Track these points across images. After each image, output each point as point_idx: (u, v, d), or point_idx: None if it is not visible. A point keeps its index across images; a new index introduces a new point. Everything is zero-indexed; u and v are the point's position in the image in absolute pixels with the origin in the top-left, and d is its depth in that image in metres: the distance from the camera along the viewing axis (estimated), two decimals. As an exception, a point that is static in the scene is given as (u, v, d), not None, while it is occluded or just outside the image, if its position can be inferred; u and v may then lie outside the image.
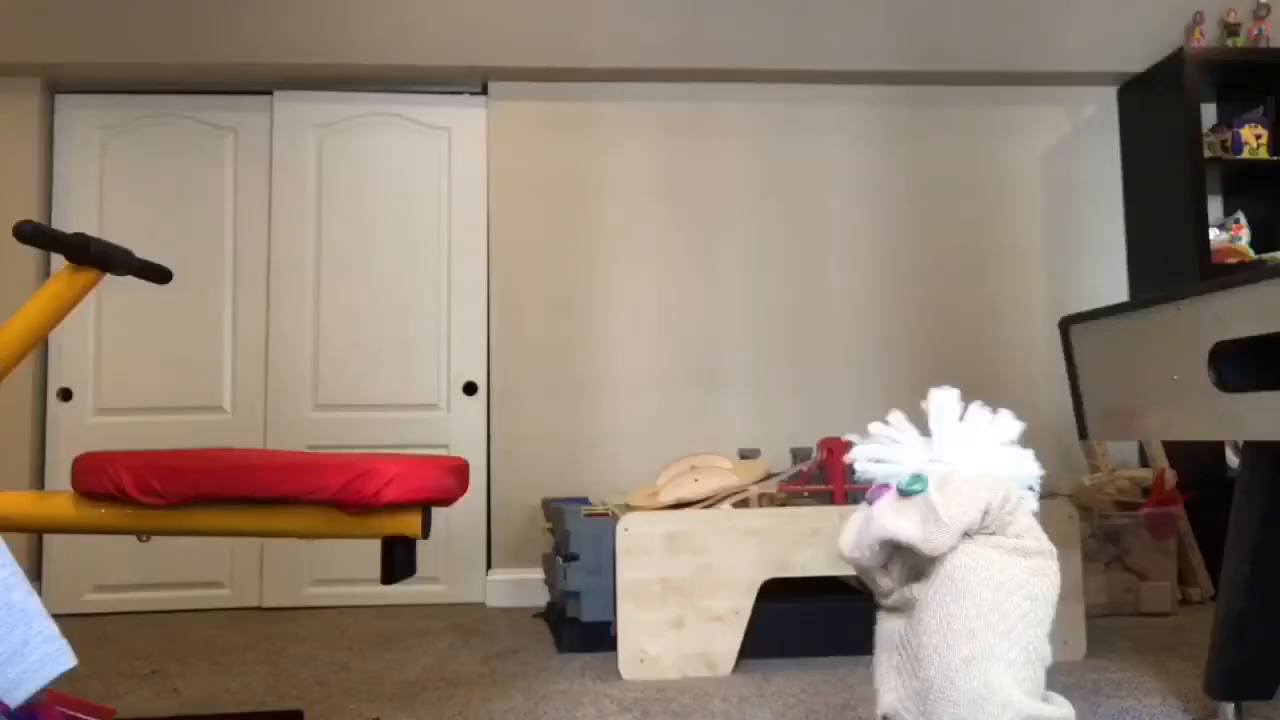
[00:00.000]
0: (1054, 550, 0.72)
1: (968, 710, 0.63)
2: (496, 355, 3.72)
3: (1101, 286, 3.91)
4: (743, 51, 3.76)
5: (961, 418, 0.77)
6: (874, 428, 0.79)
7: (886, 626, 0.76)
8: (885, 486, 0.76)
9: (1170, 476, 3.30)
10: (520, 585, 3.61)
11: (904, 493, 0.72)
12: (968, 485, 0.68)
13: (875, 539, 0.75)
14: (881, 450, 0.77)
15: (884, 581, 0.76)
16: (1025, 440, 0.78)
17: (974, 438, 0.73)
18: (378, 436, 3.68)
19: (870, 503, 0.79)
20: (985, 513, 0.68)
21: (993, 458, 0.73)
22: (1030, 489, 0.75)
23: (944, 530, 0.68)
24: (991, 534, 0.68)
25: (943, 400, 0.75)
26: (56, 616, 1.46)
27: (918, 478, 0.72)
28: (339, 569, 3.64)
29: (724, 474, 2.75)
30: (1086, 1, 3.86)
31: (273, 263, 3.71)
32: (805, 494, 2.88)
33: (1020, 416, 0.90)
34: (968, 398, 0.84)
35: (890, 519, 0.72)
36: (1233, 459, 3.39)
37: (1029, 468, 0.76)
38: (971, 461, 0.72)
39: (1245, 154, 3.66)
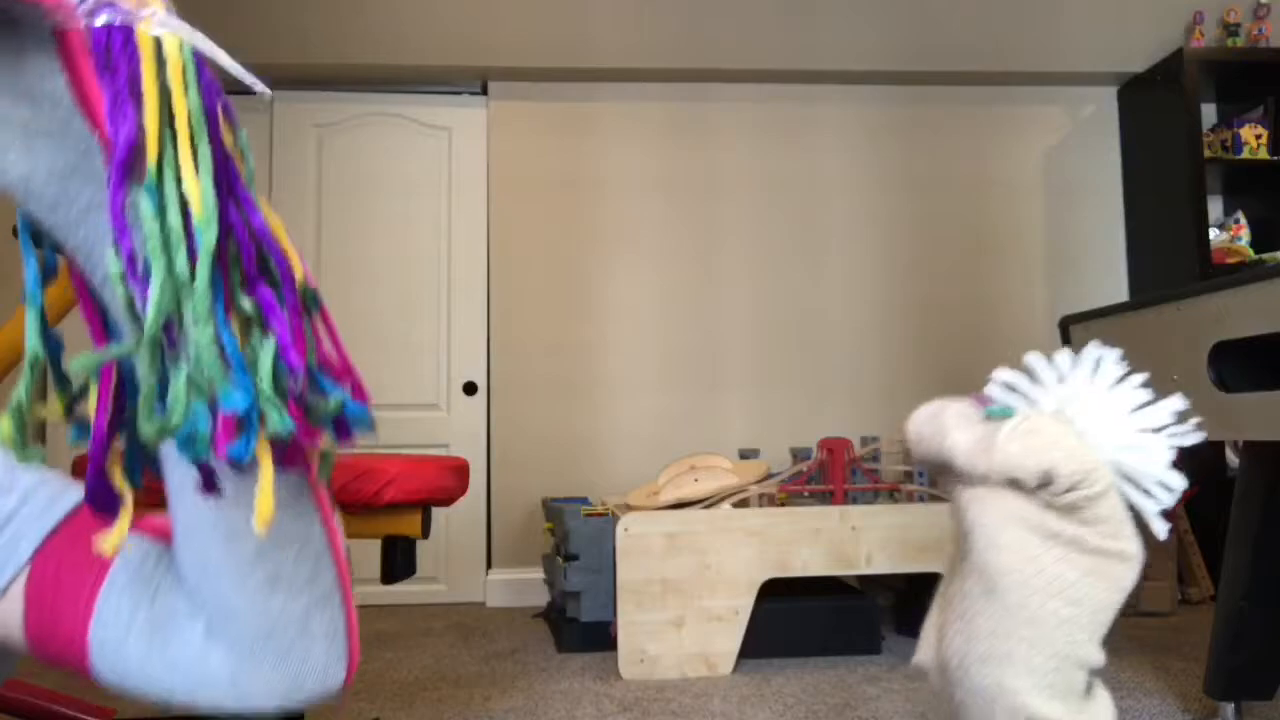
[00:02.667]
0: (1135, 554, 0.57)
1: (975, 707, 0.58)
2: (496, 355, 3.72)
3: (1101, 286, 3.90)
4: (743, 51, 3.76)
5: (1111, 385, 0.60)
6: (1031, 358, 0.63)
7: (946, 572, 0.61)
8: (982, 400, 0.64)
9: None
10: (520, 585, 3.61)
11: (989, 415, 0.61)
12: (1051, 435, 0.56)
13: (926, 440, 0.62)
14: (1020, 380, 0.63)
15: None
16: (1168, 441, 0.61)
17: (1114, 409, 0.59)
18: (378, 436, 3.67)
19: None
20: (1046, 476, 0.55)
21: (1122, 439, 0.58)
22: (1145, 491, 0.58)
23: (987, 457, 0.57)
24: (1047, 509, 0.56)
25: (1103, 356, 0.60)
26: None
27: (1009, 409, 0.61)
28: (339, 569, 3.64)
29: (724, 474, 2.75)
30: (1086, 1, 3.85)
31: (273, 263, 3.70)
32: (805, 494, 2.88)
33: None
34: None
35: (951, 419, 0.62)
36: (1233, 459, 3.39)
37: (1155, 467, 0.58)
38: (1097, 431, 0.58)
39: (1245, 154, 3.66)
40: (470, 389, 3.75)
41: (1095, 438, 0.59)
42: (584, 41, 3.71)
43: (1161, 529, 0.60)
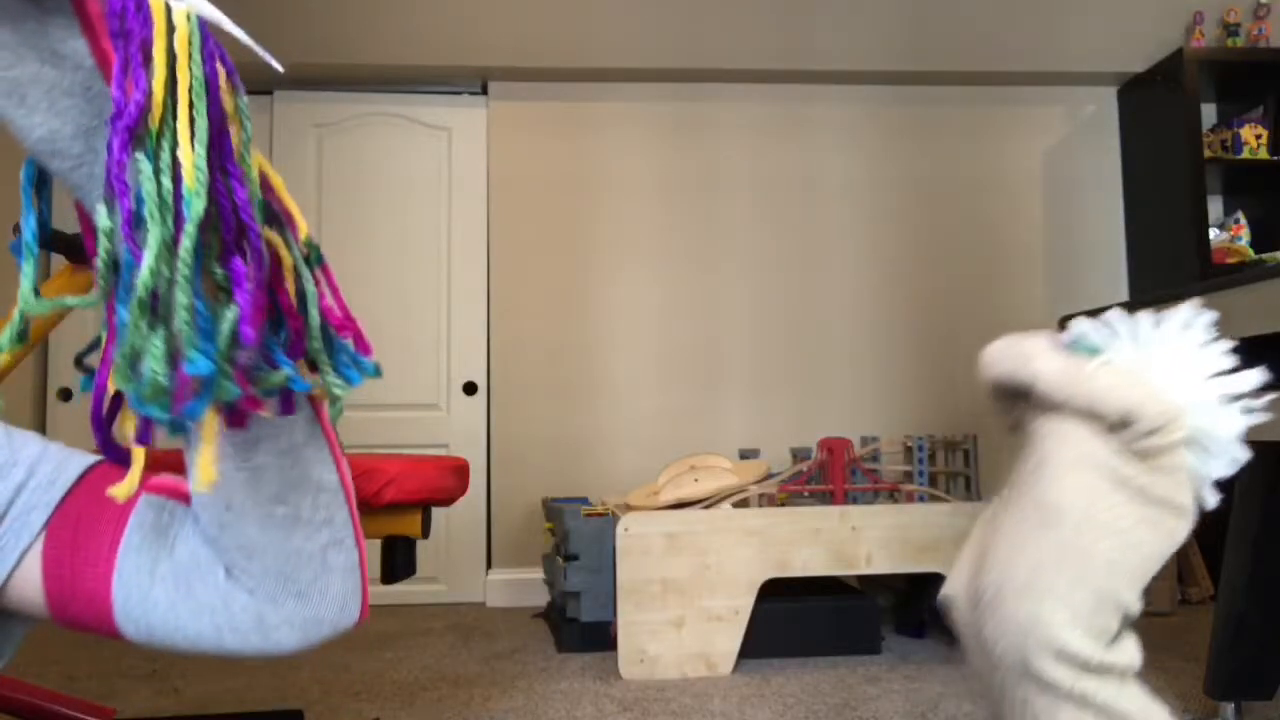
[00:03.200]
0: (1191, 510, 0.57)
1: (1007, 637, 0.57)
2: (496, 355, 3.72)
3: (1101, 286, 3.90)
4: (743, 51, 3.76)
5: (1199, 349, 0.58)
6: (1113, 313, 0.61)
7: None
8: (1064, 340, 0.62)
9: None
10: (520, 585, 3.61)
11: (1076, 349, 0.59)
12: (1139, 376, 0.55)
13: (1009, 360, 0.60)
14: (1100, 330, 0.61)
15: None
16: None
17: (1198, 368, 0.56)
18: (378, 436, 3.68)
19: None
20: (1129, 415, 0.54)
21: (1199, 399, 0.56)
22: (1213, 452, 0.56)
23: (1073, 386, 0.55)
24: (1120, 453, 0.55)
25: (1196, 317, 0.58)
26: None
27: (1096, 346, 0.58)
28: (339, 569, 3.63)
29: (724, 474, 2.75)
30: (1086, 1, 3.85)
31: (273, 263, 3.70)
32: (805, 494, 2.88)
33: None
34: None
35: (1036, 346, 0.60)
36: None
37: (1227, 432, 0.56)
38: (1176, 386, 0.56)
39: (1245, 154, 3.66)
40: (470, 389, 3.75)
41: (1174, 392, 0.58)
42: (584, 41, 3.71)
43: (1212, 498, 0.60)
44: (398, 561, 1.67)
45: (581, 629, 2.76)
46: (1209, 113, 3.93)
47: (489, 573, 3.66)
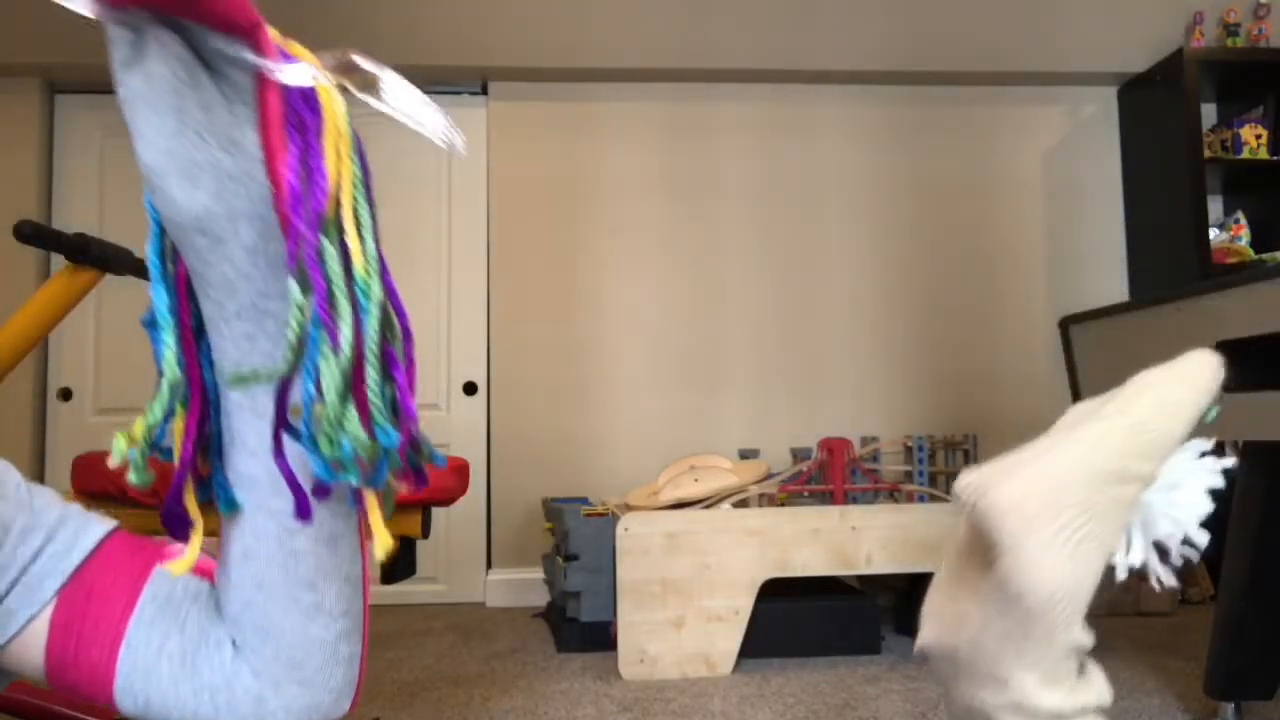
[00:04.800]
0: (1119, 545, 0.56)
1: (983, 698, 0.57)
2: (496, 355, 3.72)
3: (1101, 286, 3.90)
4: (743, 51, 3.76)
5: None
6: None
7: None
8: None
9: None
10: (520, 585, 3.61)
11: None
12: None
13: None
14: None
15: None
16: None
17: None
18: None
19: None
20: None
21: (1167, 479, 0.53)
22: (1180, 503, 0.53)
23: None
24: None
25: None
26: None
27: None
28: (339, 569, 3.64)
29: (724, 474, 2.75)
30: (1086, 1, 3.85)
31: (273, 263, 3.70)
32: (805, 494, 2.88)
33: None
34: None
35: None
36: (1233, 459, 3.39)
37: (1187, 518, 0.54)
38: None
39: (1245, 154, 3.66)
40: (470, 389, 3.75)
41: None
42: (584, 41, 3.71)
43: (1165, 581, 0.59)
44: (398, 562, 1.67)
45: (581, 629, 2.76)
46: (1209, 113, 3.93)
47: (489, 573, 3.66)
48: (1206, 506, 0.57)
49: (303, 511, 0.52)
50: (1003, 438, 3.74)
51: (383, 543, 0.50)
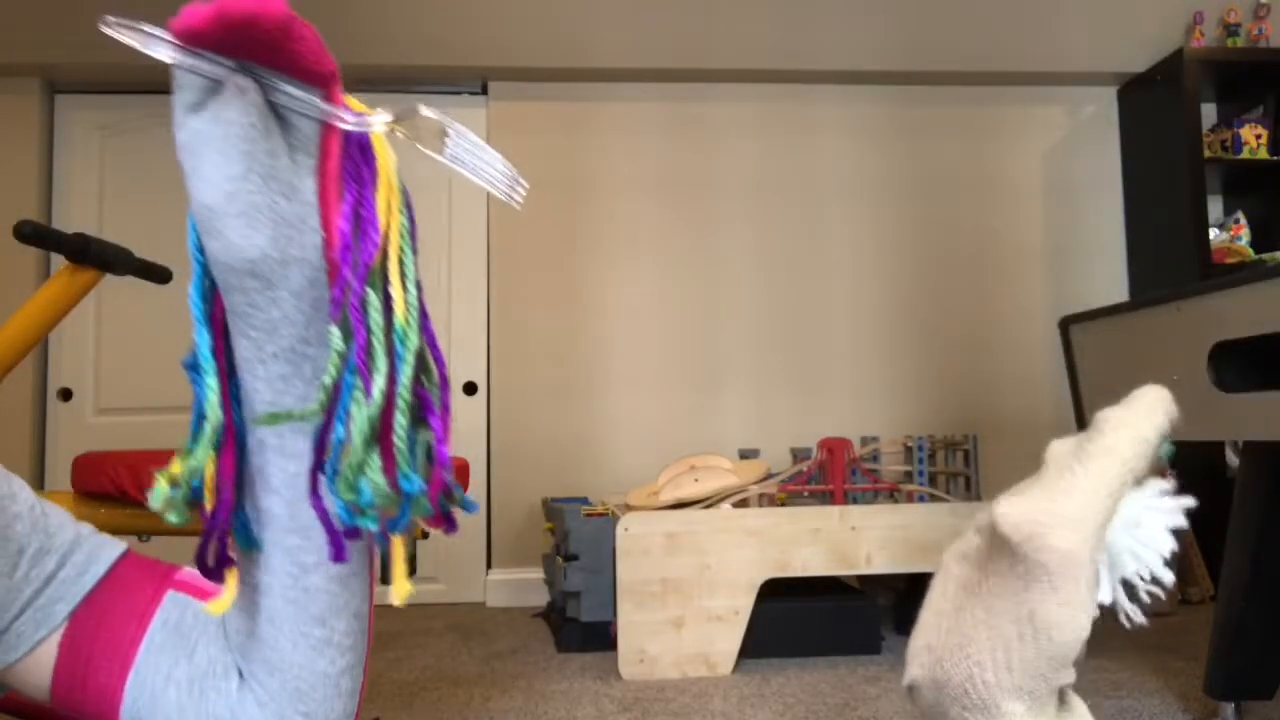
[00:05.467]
0: (1092, 603, 0.60)
1: None
2: (496, 355, 3.72)
3: (1101, 286, 3.90)
4: (742, 51, 3.76)
5: None
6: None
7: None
8: None
9: (1169, 476, 3.30)
10: (520, 585, 3.61)
11: None
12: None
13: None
14: None
15: None
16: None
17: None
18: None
19: None
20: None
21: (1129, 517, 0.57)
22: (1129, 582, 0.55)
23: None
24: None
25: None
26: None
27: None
28: (339, 569, 3.64)
29: (724, 474, 2.75)
30: (1086, 1, 3.85)
31: (273, 263, 3.70)
32: (805, 494, 2.88)
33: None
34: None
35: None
36: (1233, 459, 3.39)
37: (1151, 557, 0.56)
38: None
39: (1245, 154, 3.66)
40: (470, 389, 3.75)
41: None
42: (584, 41, 3.71)
43: (1135, 619, 0.61)
44: (398, 562, 1.67)
45: (581, 629, 2.76)
46: (1209, 113, 3.93)
47: (489, 573, 3.66)
48: (1170, 545, 0.59)
49: (338, 554, 0.52)
50: (1003, 438, 3.74)
51: (401, 591, 0.51)
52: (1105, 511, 0.56)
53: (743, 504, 2.68)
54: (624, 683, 2.41)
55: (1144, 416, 0.59)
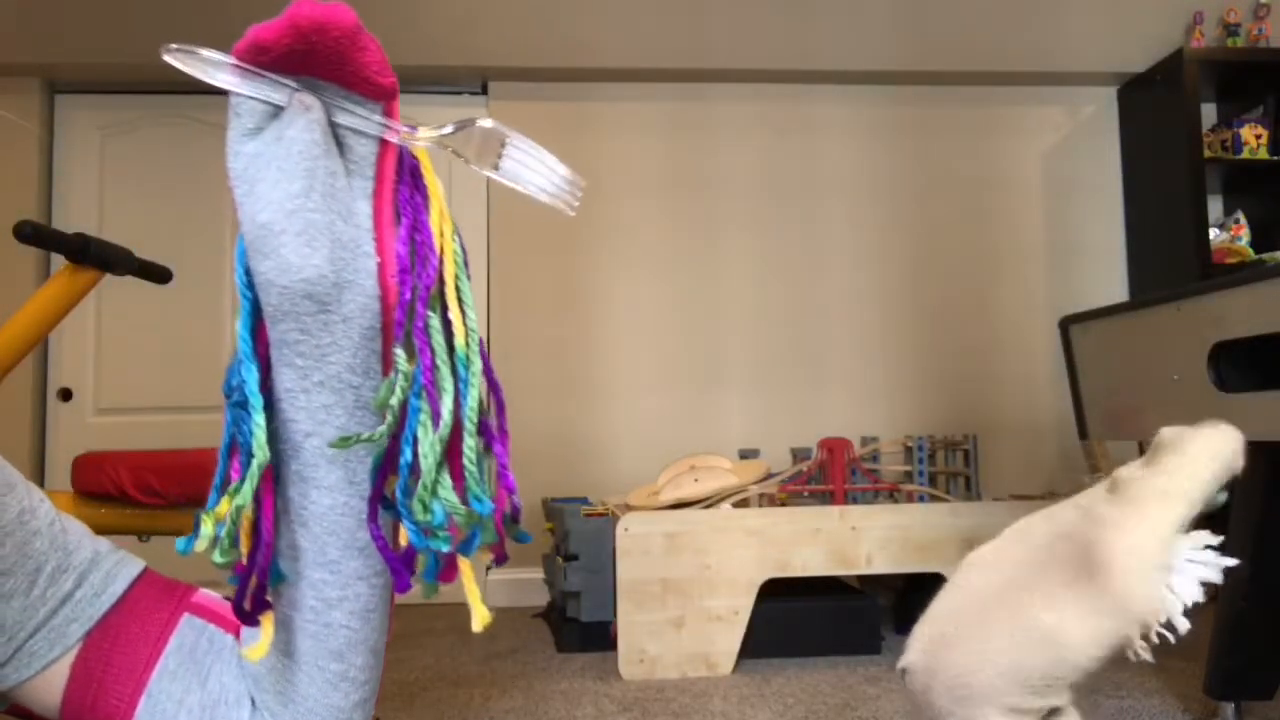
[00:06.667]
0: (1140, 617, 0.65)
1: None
2: (496, 355, 3.72)
3: (1101, 286, 3.91)
4: (742, 51, 3.76)
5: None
6: None
7: None
8: None
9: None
10: (520, 585, 3.61)
11: None
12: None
13: None
14: None
15: None
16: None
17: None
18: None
19: None
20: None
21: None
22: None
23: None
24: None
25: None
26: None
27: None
28: (339, 569, 3.64)
29: (724, 474, 2.75)
30: (1086, 1, 3.85)
31: (273, 263, 3.70)
32: (805, 494, 2.88)
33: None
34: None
35: None
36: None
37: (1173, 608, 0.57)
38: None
39: (1245, 154, 3.66)
40: (470, 389, 3.75)
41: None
42: (584, 41, 3.71)
43: (1142, 656, 0.62)
44: (398, 562, 1.67)
45: (581, 629, 2.76)
46: (1209, 113, 3.93)
47: (489, 573, 3.66)
48: (1197, 597, 0.60)
49: (401, 584, 0.52)
50: (1003, 438, 3.74)
51: (481, 616, 0.50)
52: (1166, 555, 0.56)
53: (743, 504, 2.68)
54: (624, 683, 2.41)
55: (1211, 456, 0.61)
